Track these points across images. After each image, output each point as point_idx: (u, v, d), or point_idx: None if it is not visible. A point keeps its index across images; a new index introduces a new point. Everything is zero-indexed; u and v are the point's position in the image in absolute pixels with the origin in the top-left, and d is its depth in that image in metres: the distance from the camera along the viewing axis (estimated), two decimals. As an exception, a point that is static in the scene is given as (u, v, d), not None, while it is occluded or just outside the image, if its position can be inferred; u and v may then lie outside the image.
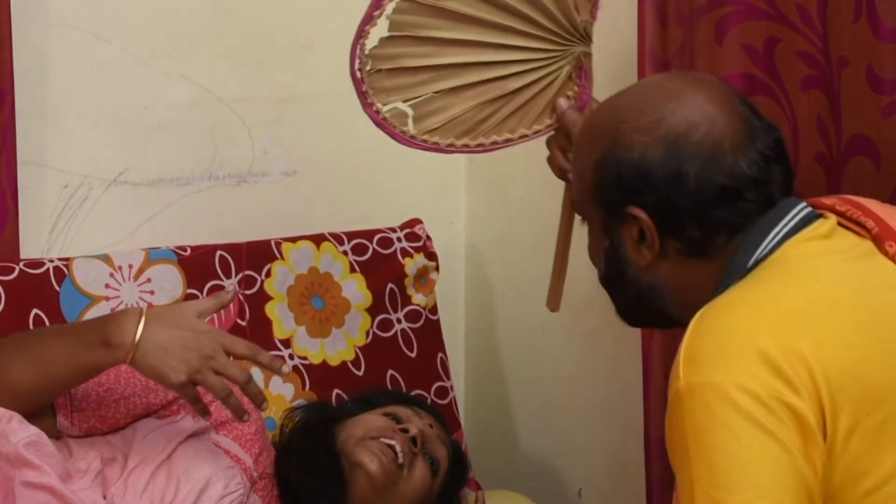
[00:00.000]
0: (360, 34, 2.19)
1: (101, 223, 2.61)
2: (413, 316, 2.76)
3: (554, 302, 2.28)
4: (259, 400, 2.06)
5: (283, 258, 2.65)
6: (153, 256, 2.52)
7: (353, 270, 2.71)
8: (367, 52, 2.19)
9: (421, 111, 2.24)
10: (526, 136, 2.23)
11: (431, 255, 2.80)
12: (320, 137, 2.88)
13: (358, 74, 2.21)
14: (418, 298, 2.77)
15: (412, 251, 2.78)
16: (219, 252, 2.59)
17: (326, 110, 2.87)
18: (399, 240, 2.78)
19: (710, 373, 1.53)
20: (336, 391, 2.60)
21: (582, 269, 2.80)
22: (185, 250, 2.56)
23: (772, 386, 1.50)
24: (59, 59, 2.55)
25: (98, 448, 2.15)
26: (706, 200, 1.66)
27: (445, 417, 2.55)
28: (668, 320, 1.79)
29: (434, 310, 2.80)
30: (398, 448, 2.28)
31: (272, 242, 2.66)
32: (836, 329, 1.57)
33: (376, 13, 2.17)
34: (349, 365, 2.65)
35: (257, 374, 2.52)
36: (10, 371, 2.05)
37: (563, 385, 2.94)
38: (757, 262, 1.66)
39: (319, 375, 2.60)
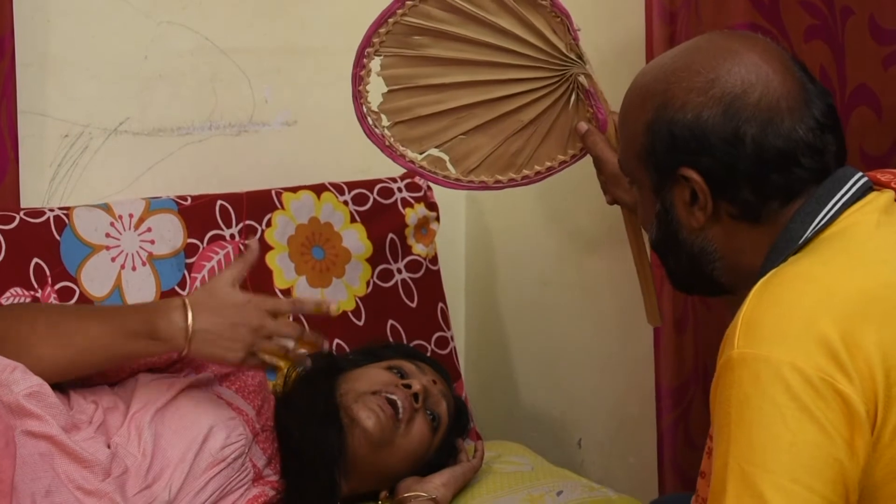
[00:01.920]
0: (357, 95, 2.25)
1: (101, 173, 2.61)
2: (413, 266, 2.76)
3: (652, 316, 2.26)
4: (320, 342, 2.23)
5: (283, 208, 2.65)
6: (154, 206, 2.52)
7: (353, 220, 2.71)
8: (374, 109, 2.25)
9: (456, 154, 2.29)
10: (566, 161, 2.27)
11: (432, 206, 2.80)
12: (321, 87, 2.87)
13: (377, 132, 2.26)
14: (419, 248, 2.77)
15: (413, 201, 2.78)
16: (219, 202, 2.59)
17: (327, 60, 2.86)
18: (400, 190, 2.78)
19: (767, 347, 1.50)
20: (337, 341, 2.61)
21: (583, 219, 2.82)
22: (186, 200, 2.56)
23: (825, 370, 1.48)
24: (59, 8, 2.54)
25: (99, 395, 2.15)
26: (763, 164, 1.63)
27: (447, 371, 2.55)
28: (718, 287, 1.76)
29: (434, 260, 2.80)
30: (400, 403, 2.29)
31: (273, 192, 2.66)
32: None
33: (363, 73, 2.22)
34: (350, 315, 2.66)
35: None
36: (40, 349, 2.07)
37: (563, 336, 2.95)
38: (816, 233, 1.62)
39: (320, 325, 2.60)
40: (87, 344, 2.08)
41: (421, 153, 2.30)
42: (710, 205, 1.67)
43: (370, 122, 2.28)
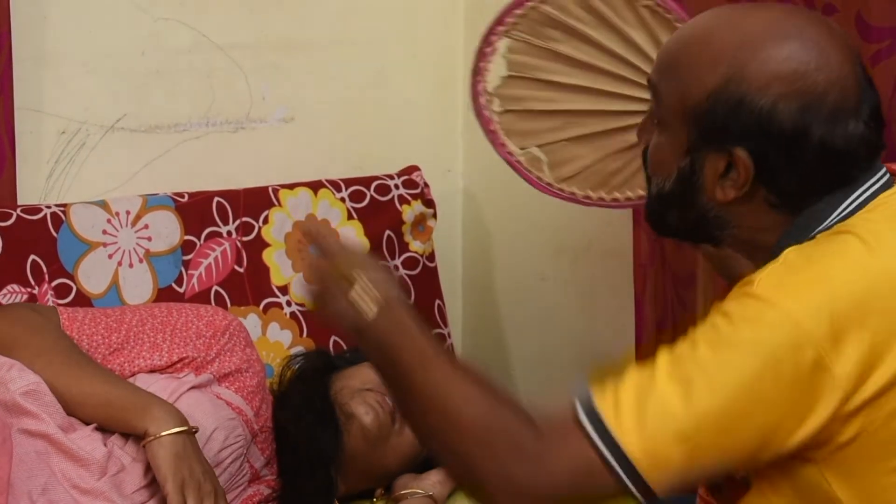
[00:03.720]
0: (478, 70, 2.17)
1: (98, 169, 2.61)
2: (410, 263, 2.76)
3: None
4: None
5: (280, 205, 2.65)
6: (151, 203, 2.52)
7: (350, 217, 2.71)
8: (490, 90, 2.18)
9: (555, 158, 2.21)
10: None
11: (429, 202, 2.80)
12: (318, 84, 2.87)
13: (486, 114, 2.20)
14: (416, 245, 2.77)
15: (410, 198, 2.78)
16: (216, 198, 2.59)
17: (324, 57, 2.86)
18: (397, 186, 2.78)
19: (785, 299, 1.49)
20: (334, 338, 2.61)
21: (580, 217, 2.81)
22: (183, 196, 2.56)
23: (824, 347, 1.47)
24: (56, 4, 2.54)
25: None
26: (821, 163, 1.58)
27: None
28: (705, 240, 1.71)
29: (431, 257, 2.80)
30: (390, 403, 2.29)
31: (270, 189, 2.66)
32: None
33: (489, 49, 2.15)
34: (347, 312, 2.65)
35: (255, 320, 2.53)
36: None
37: (559, 332, 2.94)
38: (843, 217, 1.60)
39: (317, 322, 2.61)
40: (82, 399, 2.09)
41: (522, 148, 2.23)
42: (749, 187, 1.61)
43: (483, 100, 2.21)
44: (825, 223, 1.60)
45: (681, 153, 1.66)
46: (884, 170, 1.64)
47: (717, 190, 1.63)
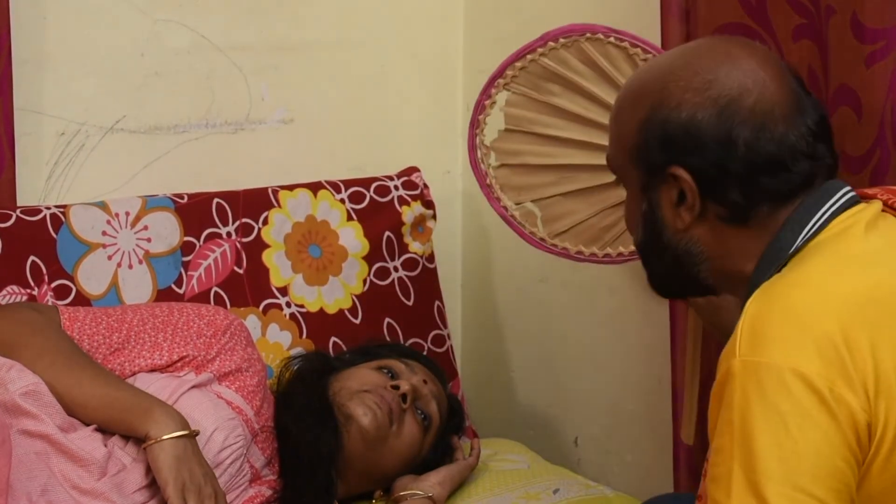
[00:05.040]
0: (475, 123, 2.21)
1: (98, 171, 2.61)
2: (410, 264, 2.76)
3: (687, 432, 2.22)
4: None
5: (280, 206, 2.65)
6: (150, 204, 2.52)
7: (350, 218, 2.71)
8: (487, 143, 2.21)
9: (549, 213, 2.24)
10: None
11: (428, 204, 2.80)
12: (318, 85, 2.87)
13: (482, 167, 2.22)
14: (415, 246, 2.77)
15: (409, 199, 2.78)
16: (216, 200, 2.59)
17: (324, 58, 2.87)
18: (396, 188, 2.78)
19: (769, 354, 1.50)
20: (333, 339, 2.61)
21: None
22: (182, 198, 2.56)
23: (827, 377, 1.48)
24: (56, 5, 2.54)
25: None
26: (754, 167, 1.63)
27: (443, 370, 2.55)
28: (702, 288, 1.77)
29: (431, 258, 2.80)
30: (388, 404, 2.29)
31: (269, 190, 2.66)
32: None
33: (487, 102, 2.18)
34: (346, 313, 2.66)
35: (255, 321, 2.53)
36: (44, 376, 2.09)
37: (559, 333, 2.95)
38: (805, 241, 1.63)
39: (316, 324, 2.61)
40: (84, 401, 2.09)
41: (517, 203, 2.26)
42: (698, 204, 1.67)
43: (479, 154, 2.25)
44: (790, 252, 1.63)
45: (639, 199, 1.74)
46: (845, 189, 1.67)
47: (676, 219, 1.69)
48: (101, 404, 2.08)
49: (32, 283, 2.37)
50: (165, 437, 2.01)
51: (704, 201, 1.66)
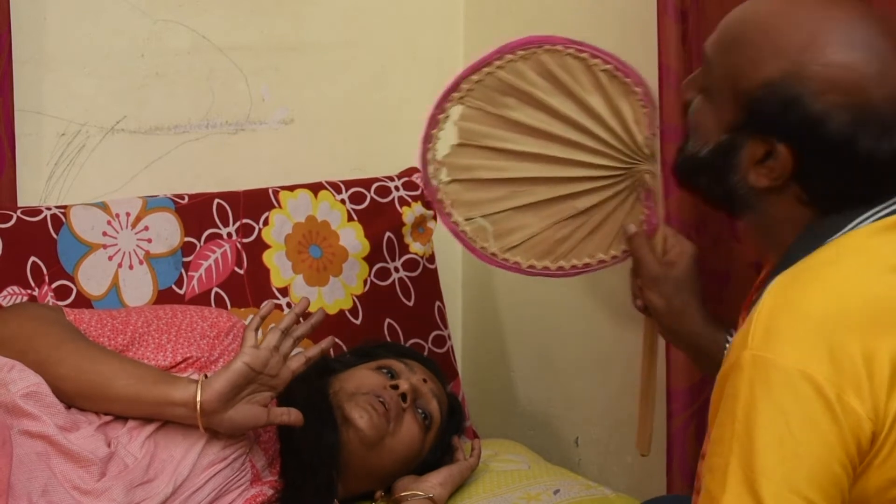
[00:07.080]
0: (427, 138, 2.17)
1: (98, 171, 2.61)
2: (411, 265, 2.76)
3: (643, 443, 2.22)
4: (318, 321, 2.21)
5: (280, 206, 2.65)
6: (151, 205, 2.52)
7: (350, 219, 2.71)
8: (438, 158, 2.18)
9: (500, 227, 2.22)
10: (604, 261, 2.20)
11: (429, 204, 2.80)
12: (318, 85, 2.87)
13: (433, 183, 2.20)
14: (416, 247, 2.77)
15: (410, 200, 2.78)
16: (216, 200, 2.59)
17: (324, 58, 2.87)
18: (397, 188, 2.78)
19: (781, 352, 1.49)
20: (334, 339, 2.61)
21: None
22: (183, 198, 2.56)
23: (837, 384, 1.47)
24: (56, 5, 2.54)
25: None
26: (863, 174, 1.57)
27: (442, 370, 2.55)
28: (726, 212, 1.72)
29: (431, 258, 2.80)
30: (387, 405, 2.29)
31: (270, 191, 2.66)
32: None
33: (441, 116, 2.15)
34: (347, 314, 2.66)
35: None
36: (63, 382, 2.08)
37: (560, 335, 2.94)
38: (853, 227, 1.59)
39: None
40: (114, 394, 2.09)
41: (467, 219, 2.23)
42: (784, 181, 1.61)
43: (430, 170, 2.21)
44: (838, 233, 1.59)
45: (723, 128, 1.65)
46: None
47: (751, 174, 1.63)
48: (132, 379, 2.08)
49: (33, 284, 2.37)
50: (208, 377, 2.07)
51: (791, 180, 1.61)
